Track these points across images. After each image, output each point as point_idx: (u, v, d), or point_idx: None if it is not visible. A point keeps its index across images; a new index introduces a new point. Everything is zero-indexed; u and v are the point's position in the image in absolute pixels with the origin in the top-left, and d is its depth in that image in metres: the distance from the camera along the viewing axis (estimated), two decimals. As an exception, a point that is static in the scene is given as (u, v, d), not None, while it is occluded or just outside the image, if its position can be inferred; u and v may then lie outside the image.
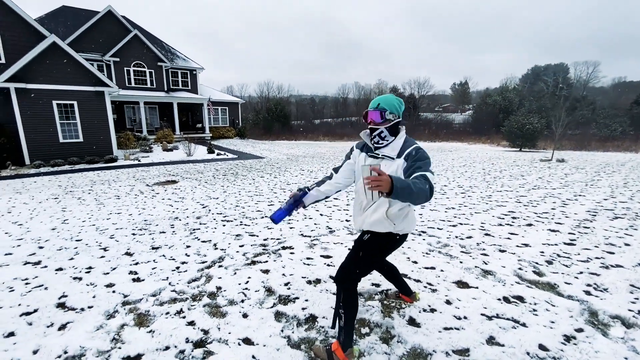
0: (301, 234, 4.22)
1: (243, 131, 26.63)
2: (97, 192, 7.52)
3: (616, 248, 3.67)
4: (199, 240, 4.08)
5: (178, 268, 3.25)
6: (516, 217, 4.92)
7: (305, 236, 4.14)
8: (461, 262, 3.26)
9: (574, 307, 2.44)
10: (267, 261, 3.37)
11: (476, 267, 3.16)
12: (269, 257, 3.48)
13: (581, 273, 3.03)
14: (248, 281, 2.93)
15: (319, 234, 4.24)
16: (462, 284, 2.83)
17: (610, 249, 3.63)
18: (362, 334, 2.16)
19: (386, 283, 2.80)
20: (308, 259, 3.41)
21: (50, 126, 12.53)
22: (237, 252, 3.64)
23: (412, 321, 2.29)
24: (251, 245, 3.83)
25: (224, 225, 4.69)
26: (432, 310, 2.41)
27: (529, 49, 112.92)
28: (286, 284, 2.85)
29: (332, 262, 3.30)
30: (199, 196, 6.85)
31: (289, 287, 2.80)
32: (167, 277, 3.04)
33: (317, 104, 62.74)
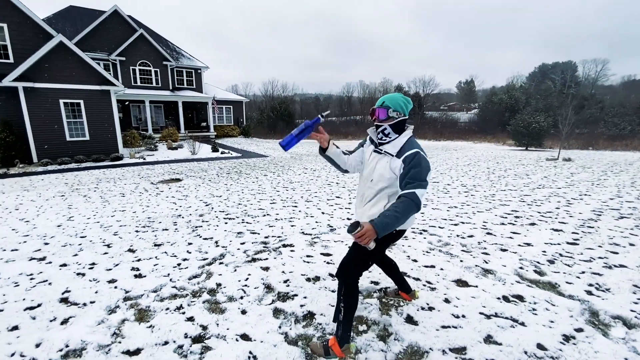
0: (302, 232, 4.23)
1: (247, 130, 26.74)
2: (102, 190, 7.62)
3: (620, 248, 3.62)
4: (200, 237, 4.11)
5: (179, 265, 3.28)
6: (519, 216, 4.88)
7: (306, 234, 4.15)
8: (461, 261, 3.25)
9: (575, 307, 2.42)
10: (267, 258, 3.39)
11: (476, 266, 3.14)
12: (269, 254, 3.50)
13: (583, 273, 3.00)
14: (248, 278, 2.95)
15: (320, 232, 4.24)
16: (462, 283, 2.82)
17: (614, 249, 3.58)
18: (359, 331, 2.17)
19: (385, 281, 2.80)
20: (308, 256, 3.42)
21: (58, 125, 12.70)
22: (238, 249, 3.67)
23: (409, 319, 2.29)
24: (252, 243, 3.85)
25: (226, 223, 4.72)
26: (430, 309, 2.41)
27: (537, 47, 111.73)
28: (285, 281, 2.87)
29: (332, 260, 3.30)
30: (203, 194, 6.90)
31: (288, 285, 2.81)
32: (168, 274, 3.07)
33: (321, 102, 62.70)
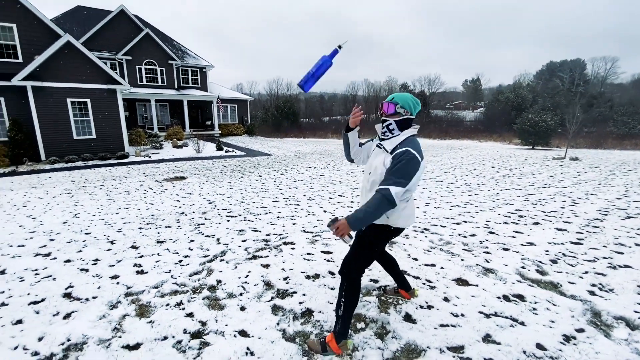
0: (303, 230, 4.24)
1: (252, 128, 26.82)
2: (108, 188, 7.71)
3: (626, 248, 3.56)
4: (203, 234, 4.14)
5: (181, 261, 3.31)
6: (523, 216, 4.83)
7: (307, 232, 4.16)
8: (462, 260, 3.23)
9: (576, 307, 2.39)
10: (267, 256, 3.40)
11: (477, 265, 3.12)
12: (270, 252, 3.52)
13: (586, 273, 2.96)
14: (248, 275, 2.97)
15: (321, 230, 4.25)
16: (462, 282, 2.80)
17: (619, 249, 3.53)
18: (357, 328, 2.17)
19: (384, 279, 2.80)
20: (308, 254, 3.43)
21: (65, 123, 12.87)
22: (239, 246, 3.69)
23: (408, 317, 2.29)
24: (253, 241, 3.87)
25: (228, 221, 4.75)
26: (429, 307, 2.40)
27: (544, 44, 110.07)
28: (285, 279, 2.88)
29: (332, 258, 3.31)
30: (206, 192, 6.95)
31: (287, 282, 2.82)
32: (170, 270, 3.10)
33: (326, 101, 62.69)
